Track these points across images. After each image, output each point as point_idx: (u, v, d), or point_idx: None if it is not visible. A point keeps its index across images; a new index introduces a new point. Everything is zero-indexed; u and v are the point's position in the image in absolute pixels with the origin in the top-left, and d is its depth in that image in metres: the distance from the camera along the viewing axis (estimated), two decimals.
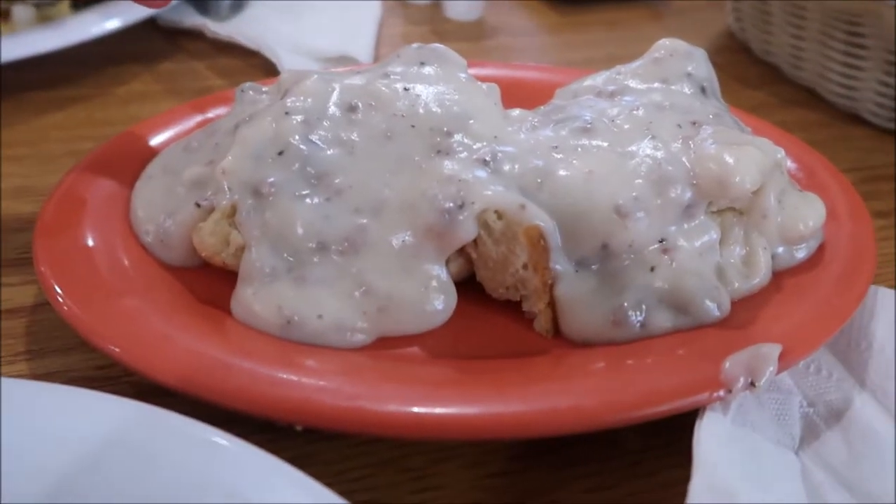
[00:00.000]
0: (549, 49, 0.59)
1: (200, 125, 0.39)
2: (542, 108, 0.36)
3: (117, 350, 0.27)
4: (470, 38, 0.59)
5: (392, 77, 0.34)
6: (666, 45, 0.37)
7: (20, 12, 0.48)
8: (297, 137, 0.31)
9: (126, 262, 0.31)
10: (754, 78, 0.54)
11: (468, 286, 0.30)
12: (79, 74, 0.50)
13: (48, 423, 0.23)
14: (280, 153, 0.31)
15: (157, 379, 0.26)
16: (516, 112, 0.35)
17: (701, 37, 0.60)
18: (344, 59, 0.52)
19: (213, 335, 0.28)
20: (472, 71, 0.37)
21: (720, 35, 0.60)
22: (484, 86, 0.35)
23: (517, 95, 0.37)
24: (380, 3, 0.62)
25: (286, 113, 0.32)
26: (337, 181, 0.31)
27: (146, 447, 0.22)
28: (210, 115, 0.41)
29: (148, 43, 0.55)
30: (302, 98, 0.33)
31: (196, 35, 0.56)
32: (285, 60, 0.50)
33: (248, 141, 0.31)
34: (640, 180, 0.29)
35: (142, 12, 0.51)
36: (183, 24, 0.56)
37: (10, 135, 0.45)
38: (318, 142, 0.31)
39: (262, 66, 0.52)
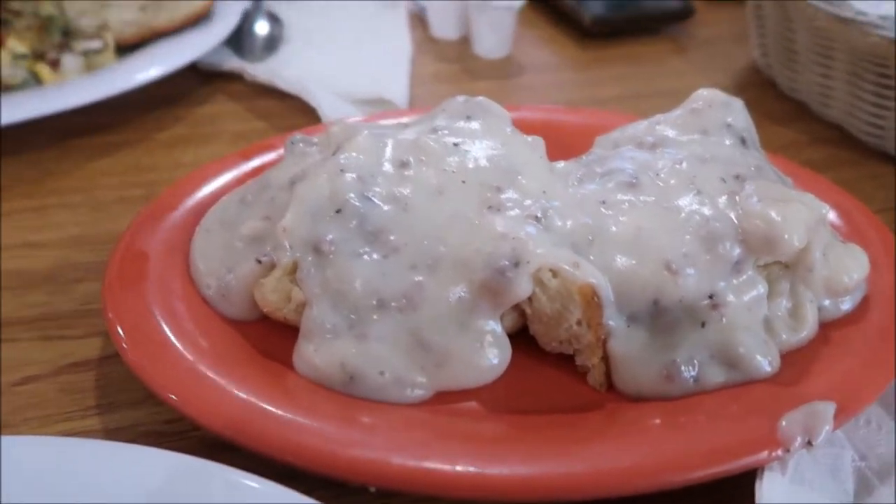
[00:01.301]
0: (576, 86, 0.60)
1: (250, 175, 0.41)
2: (584, 157, 0.37)
3: (176, 399, 0.28)
4: (500, 76, 0.60)
5: (440, 132, 0.36)
6: (704, 95, 0.38)
7: (69, 62, 0.50)
8: (352, 195, 0.32)
9: (188, 315, 0.32)
10: (781, 114, 0.55)
11: (521, 338, 0.31)
12: (122, 120, 0.52)
13: (105, 480, 0.24)
14: (338, 211, 0.32)
15: (215, 430, 0.27)
16: (561, 164, 0.36)
17: (725, 71, 0.61)
18: (380, 102, 0.53)
19: (273, 388, 0.29)
20: (511, 115, 0.38)
21: (745, 70, 0.61)
22: (529, 139, 0.36)
23: (556, 141, 0.38)
24: (409, 40, 0.63)
25: (341, 170, 0.33)
26: (393, 238, 0.32)
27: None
28: (257, 162, 0.42)
29: (188, 87, 0.56)
30: (354, 154, 0.34)
31: (234, 77, 0.58)
32: (324, 104, 0.51)
33: (306, 199, 0.32)
34: (688, 236, 0.30)
35: (183, 58, 0.53)
36: (221, 66, 0.58)
37: (62, 182, 0.46)
38: (373, 199, 0.32)
39: (300, 108, 0.54)
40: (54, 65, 0.49)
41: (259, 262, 0.33)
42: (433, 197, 0.33)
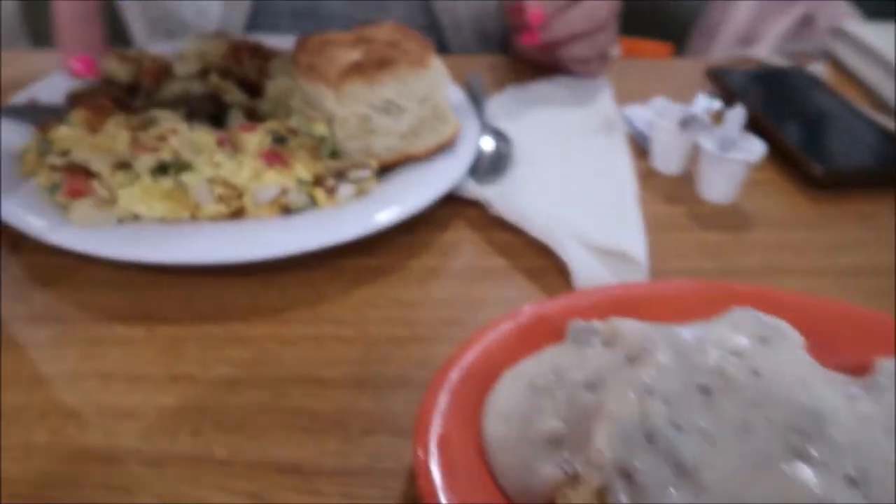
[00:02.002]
0: (810, 248, 0.59)
1: (521, 343, 0.43)
2: (869, 380, 0.37)
3: None
4: (729, 227, 0.60)
5: (741, 356, 0.37)
6: None
7: (345, 189, 0.54)
8: (662, 422, 0.34)
9: None
10: None
11: None
12: (379, 241, 0.55)
13: None
14: (649, 438, 0.34)
15: None
16: (862, 406, 0.36)
17: None
18: (620, 255, 0.54)
19: None
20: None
21: None
22: (830, 374, 0.37)
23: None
24: (634, 175, 0.65)
25: (648, 392, 0.35)
26: (703, 476, 0.33)
27: None
28: (514, 322, 0.44)
29: (429, 208, 0.60)
30: (657, 374, 0.36)
31: (470, 202, 0.61)
32: (573, 258, 0.53)
33: (616, 421, 0.34)
34: None
35: (441, 186, 0.56)
36: (460, 191, 0.61)
37: (335, 309, 0.50)
38: (682, 428, 0.34)
39: (540, 248, 0.56)
40: (330, 191, 0.54)
41: (563, 471, 0.35)
42: (739, 434, 0.34)
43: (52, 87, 0.68)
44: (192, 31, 0.90)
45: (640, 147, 0.71)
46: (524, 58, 0.88)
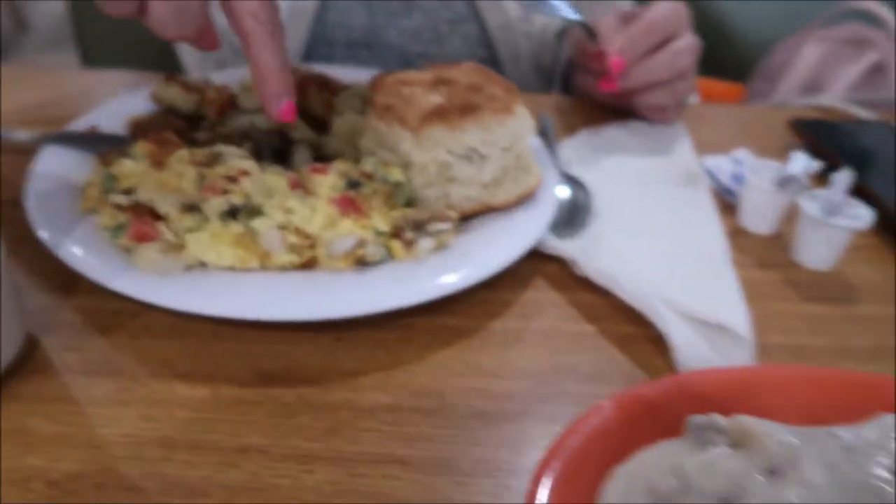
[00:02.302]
0: None
1: (628, 433, 0.39)
2: None
3: None
4: (832, 298, 0.56)
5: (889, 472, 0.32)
6: None
7: (425, 243, 0.50)
8: None
9: None
10: None
11: None
12: (450, 298, 0.51)
13: None
14: None
15: None
16: None
17: None
18: (720, 329, 0.50)
19: None
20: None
21: None
22: None
23: None
24: (723, 234, 0.60)
25: None
26: None
27: None
28: (617, 406, 0.40)
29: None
30: (807, 492, 0.31)
31: (549, 256, 0.57)
32: (674, 333, 0.48)
33: None
34: None
35: (524, 242, 0.52)
36: (542, 246, 0.57)
37: (412, 375, 0.46)
38: None
39: (625, 309, 0.52)
40: (409, 244, 0.50)
41: None
42: None
43: (112, 114, 0.65)
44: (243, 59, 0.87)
45: (724, 202, 0.67)
46: (592, 99, 0.84)
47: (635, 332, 0.51)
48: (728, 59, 1.33)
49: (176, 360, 0.46)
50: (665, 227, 0.61)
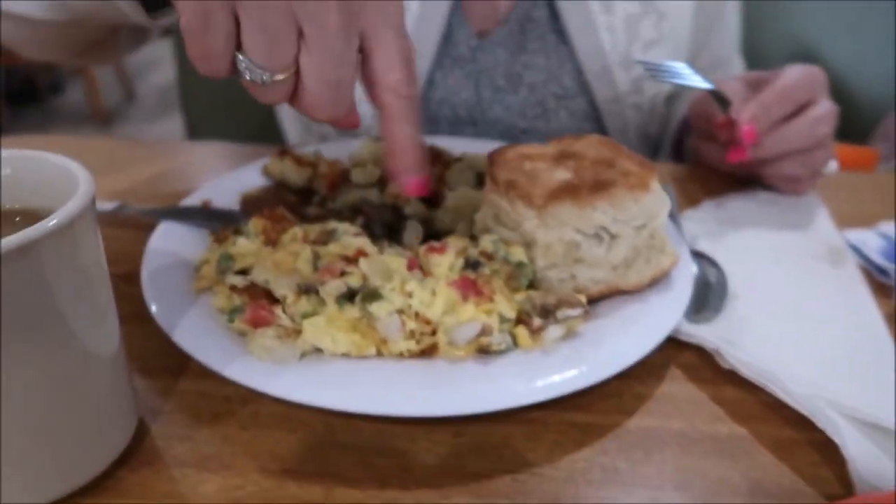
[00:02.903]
0: None
1: None
2: None
3: None
4: None
5: None
6: None
7: (554, 332, 0.46)
8: None
9: None
10: None
11: None
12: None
13: None
14: None
15: None
16: None
17: None
18: (877, 428, 0.43)
19: None
20: None
21: None
22: None
23: None
24: (882, 321, 0.54)
25: None
26: None
27: None
28: None
29: None
30: None
31: (683, 343, 0.52)
32: (849, 443, 0.42)
33: None
34: None
35: (660, 333, 0.48)
36: (679, 333, 0.51)
37: (541, 481, 0.41)
38: None
39: (780, 408, 0.46)
40: (536, 332, 0.46)
41: None
42: None
43: (224, 188, 0.65)
44: (340, 135, 0.87)
45: (876, 281, 0.60)
46: (711, 167, 0.79)
47: (795, 436, 0.45)
48: (846, 122, 1.26)
49: (286, 454, 0.43)
50: (816, 310, 0.55)
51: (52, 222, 0.32)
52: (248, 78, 0.41)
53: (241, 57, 0.40)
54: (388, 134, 0.45)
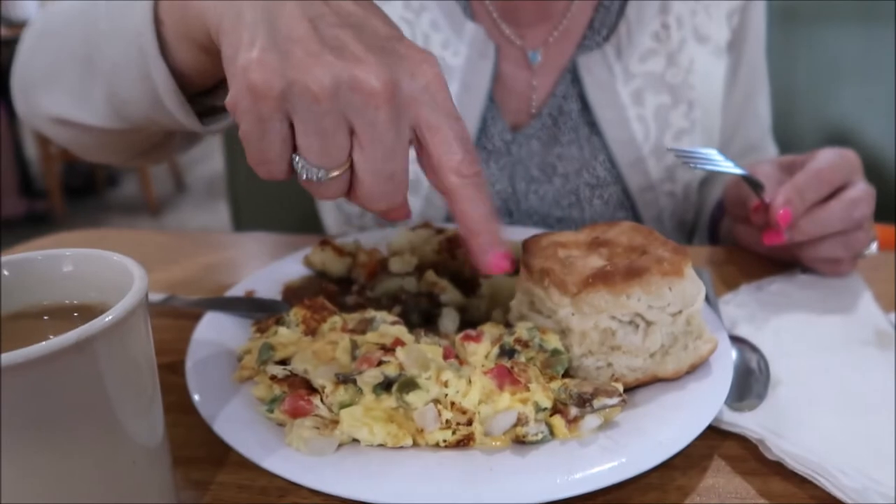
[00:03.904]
0: None
1: None
2: None
3: None
4: None
5: None
6: None
7: (591, 422, 0.45)
8: None
9: None
10: None
11: None
12: None
13: None
14: None
15: None
16: None
17: None
18: None
19: None
20: None
21: None
22: None
23: None
24: None
25: None
26: None
27: None
28: None
29: None
30: None
31: (727, 434, 0.50)
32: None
33: None
34: None
35: (699, 426, 0.47)
36: (721, 422, 0.50)
37: None
38: None
39: (823, 499, 0.44)
40: (573, 422, 0.46)
41: None
42: None
43: (267, 278, 0.67)
44: (383, 222, 0.89)
45: None
46: (748, 248, 0.79)
47: None
48: (886, 202, 1.24)
49: None
50: (864, 397, 0.53)
51: (107, 318, 0.34)
52: (304, 177, 0.43)
53: (297, 158, 0.43)
54: (461, 216, 0.44)
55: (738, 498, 0.46)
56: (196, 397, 0.49)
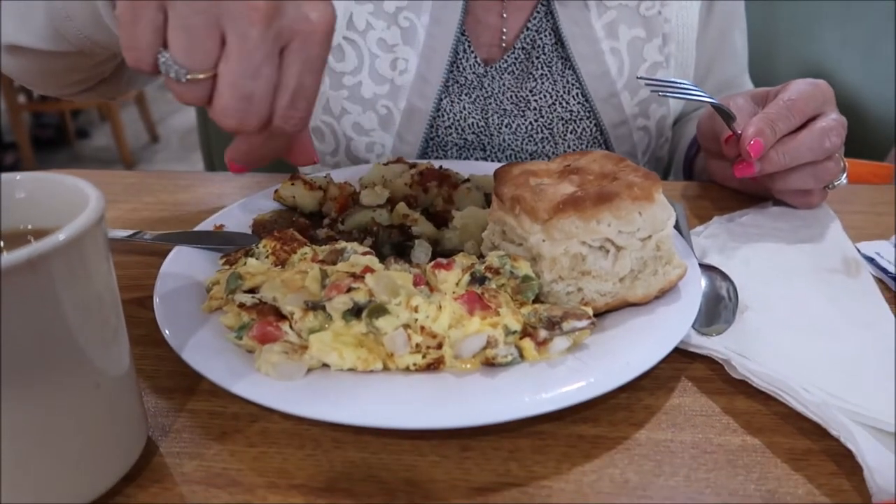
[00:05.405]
0: None
1: None
2: None
3: None
4: None
5: None
6: None
7: (560, 343, 0.46)
8: None
9: None
10: None
11: None
12: (588, 402, 0.46)
13: None
14: None
15: None
16: None
17: None
18: (891, 434, 0.42)
19: None
20: None
21: None
22: None
23: None
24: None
25: None
26: None
27: None
28: None
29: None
30: None
31: (694, 354, 0.51)
32: (867, 455, 0.41)
33: None
34: None
35: (667, 345, 0.47)
36: (689, 345, 0.51)
37: (550, 493, 0.41)
38: None
39: (793, 418, 0.45)
40: (542, 344, 0.46)
41: None
42: None
43: (237, 214, 0.66)
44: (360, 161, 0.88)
45: (892, 291, 0.59)
46: (722, 184, 0.79)
47: (810, 446, 0.44)
48: (861, 139, 1.25)
49: (294, 470, 0.43)
50: (830, 320, 0.54)
51: (60, 236, 0.33)
52: (166, 74, 0.41)
53: (163, 52, 0.41)
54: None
55: (703, 415, 0.47)
56: (165, 329, 0.49)
